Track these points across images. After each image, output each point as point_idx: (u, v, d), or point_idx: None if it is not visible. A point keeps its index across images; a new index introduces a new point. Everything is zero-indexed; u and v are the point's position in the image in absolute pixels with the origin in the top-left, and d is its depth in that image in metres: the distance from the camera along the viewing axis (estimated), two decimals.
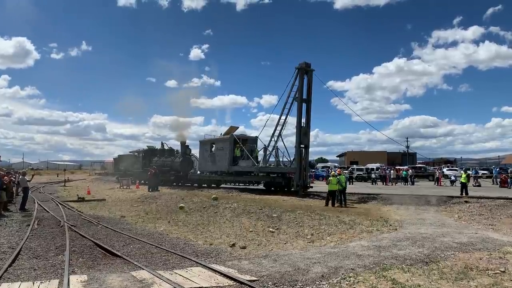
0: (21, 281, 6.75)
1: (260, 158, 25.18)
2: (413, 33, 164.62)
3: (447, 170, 42.26)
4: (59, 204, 21.16)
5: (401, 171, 36.91)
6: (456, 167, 49.30)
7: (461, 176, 21.56)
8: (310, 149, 23.56)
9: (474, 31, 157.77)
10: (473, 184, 27.08)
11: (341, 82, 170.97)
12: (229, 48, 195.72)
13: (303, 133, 22.08)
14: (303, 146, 22.34)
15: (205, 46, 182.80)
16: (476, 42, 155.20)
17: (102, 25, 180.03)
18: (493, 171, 33.34)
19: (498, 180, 29.10)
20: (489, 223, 12.94)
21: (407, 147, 68.99)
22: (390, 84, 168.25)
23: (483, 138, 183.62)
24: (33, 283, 6.57)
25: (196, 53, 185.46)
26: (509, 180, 26.81)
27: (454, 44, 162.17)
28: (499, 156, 71.08)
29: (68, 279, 6.72)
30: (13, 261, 8.24)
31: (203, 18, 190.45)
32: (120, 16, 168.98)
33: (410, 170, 36.53)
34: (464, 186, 19.53)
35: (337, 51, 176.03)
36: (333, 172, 19.62)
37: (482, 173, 37.86)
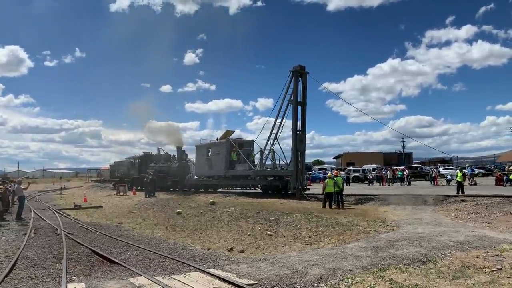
0: None
1: (256, 161, 25.19)
2: (406, 33, 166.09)
3: (443, 169, 42.43)
4: (55, 212, 21.06)
5: (397, 172, 37.02)
6: (452, 166, 49.50)
7: (456, 175, 21.68)
8: (307, 152, 23.63)
9: (467, 30, 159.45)
10: (469, 183, 27.20)
11: (336, 83, 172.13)
12: (224, 52, 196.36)
13: (299, 140, 22.12)
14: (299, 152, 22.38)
15: (199, 51, 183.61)
16: (470, 41, 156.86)
17: (95, 31, 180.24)
18: (468, 170, 32.21)
19: (471, 179, 29.14)
20: (486, 221, 13.00)
21: (403, 147, 69.31)
22: (385, 85, 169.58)
23: (478, 137, 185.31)
24: None
25: (190, 57, 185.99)
26: (504, 178, 26.93)
27: (448, 43, 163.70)
28: (494, 154, 71.55)
29: (66, 287, 6.69)
30: (10, 271, 8.18)
31: (197, 23, 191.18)
32: (113, 22, 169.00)
33: (406, 170, 36.64)
34: (460, 185, 19.62)
35: (331, 53, 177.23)
36: (329, 174, 19.66)
37: (478, 171, 38.15)
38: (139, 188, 33.13)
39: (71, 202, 27.50)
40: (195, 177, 30.90)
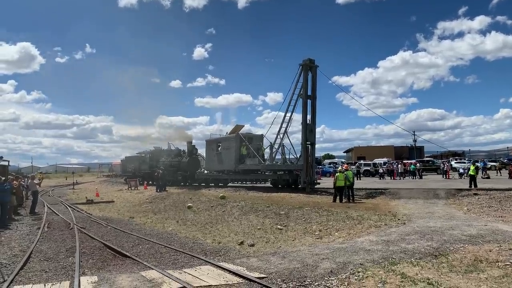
0: (33, 284, 6.83)
1: (266, 156, 25.18)
2: (418, 25, 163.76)
3: (455, 163, 41.92)
4: (68, 207, 21.35)
5: (409, 165, 36.67)
6: (465, 159, 48.87)
7: (469, 168, 21.41)
8: (317, 146, 23.52)
9: (481, 21, 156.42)
10: (482, 176, 26.85)
11: (346, 77, 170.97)
12: (233, 46, 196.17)
13: (308, 130, 22.01)
14: (309, 143, 22.30)
15: (208, 45, 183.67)
16: (483, 32, 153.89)
17: (105, 26, 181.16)
18: (480, 164, 31.45)
19: (483, 173, 28.66)
20: (499, 215, 12.82)
21: (415, 140, 68.50)
22: (396, 78, 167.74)
23: (492, 130, 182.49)
24: (44, 285, 6.65)
25: (199, 52, 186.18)
26: None
27: (460, 35, 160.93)
28: (507, 147, 70.44)
29: (79, 280, 6.79)
30: (24, 264, 8.34)
31: (205, 17, 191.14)
32: (122, 17, 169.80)
33: (417, 164, 36.29)
34: (473, 179, 19.37)
35: (341, 45, 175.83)
36: (340, 168, 19.56)
37: (491, 165, 37.65)
38: (150, 182, 33.40)
39: (83, 197, 27.85)
40: (205, 171, 31.04)
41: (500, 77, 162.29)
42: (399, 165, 36.22)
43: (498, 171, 32.79)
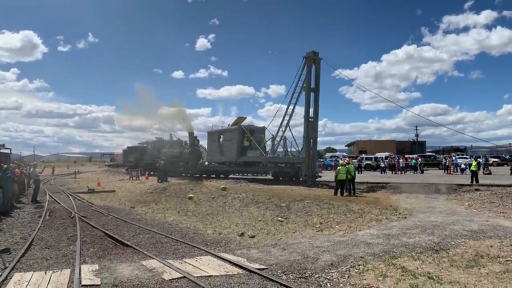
0: (34, 271, 6.84)
1: (268, 148, 25.16)
2: (423, 18, 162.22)
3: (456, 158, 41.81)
4: (70, 196, 21.41)
5: (410, 160, 36.59)
6: (467, 155, 48.73)
7: (470, 164, 21.34)
8: (319, 139, 23.52)
9: (487, 15, 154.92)
10: (483, 172, 26.78)
11: (349, 70, 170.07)
12: (236, 38, 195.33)
13: (311, 128, 21.95)
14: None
15: (211, 36, 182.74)
16: (489, 27, 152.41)
17: (108, 16, 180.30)
18: (481, 159, 30.49)
19: (485, 169, 28.45)
20: (500, 210, 12.79)
21: (416, 135, 68.40)
22: (400, 72, 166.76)
23: (495, 126, 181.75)
24: (45, 272, 6.66)
25: (202, 43, 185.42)
26: None
27: (466, 29, 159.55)
28: (510, 143, 70.10)
29: (80, 268, 6.80)
30: (25, 252, 8.37)
31: (209, 8, 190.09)
32: (125, 7, 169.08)
33: (419, 159, 36.21)
34: (474, 174, 19.32)
35: (344, 38, 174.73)
36: (341, 162, 19.53)
37: (493, 161, 37.52)
38: (152, 173, 33.45)
39: (85, 186, 27.91)
40: (207, 163, 31.05)
41: (505, 73, 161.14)
42: (401, 160, 36.18)
43: (485, 167, 29.86)
